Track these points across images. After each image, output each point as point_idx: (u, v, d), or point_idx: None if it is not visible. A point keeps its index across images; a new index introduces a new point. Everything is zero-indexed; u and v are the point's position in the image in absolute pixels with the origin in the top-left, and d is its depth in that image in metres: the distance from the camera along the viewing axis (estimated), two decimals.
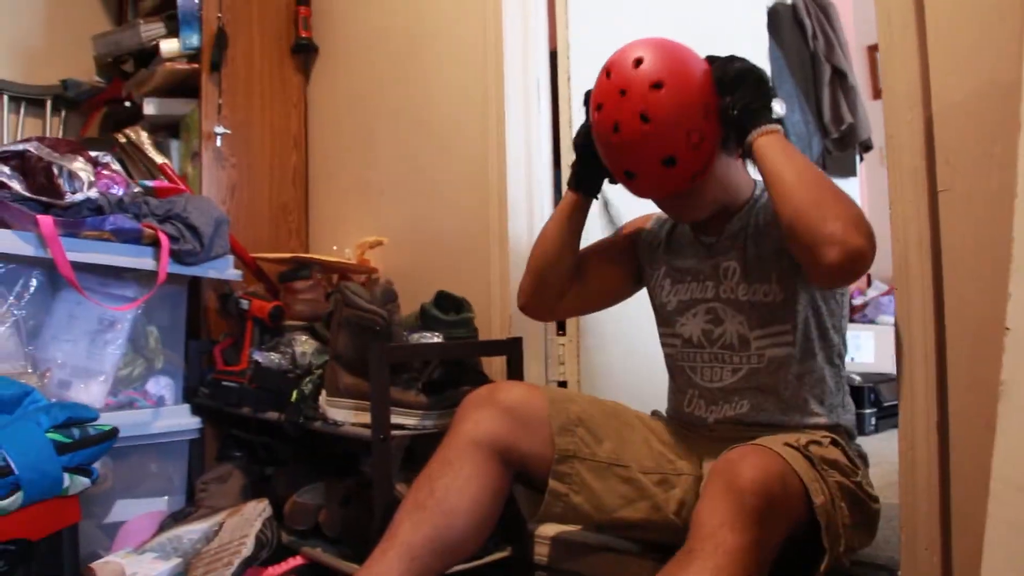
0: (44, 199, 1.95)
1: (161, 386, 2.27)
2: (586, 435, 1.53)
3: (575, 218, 1.70)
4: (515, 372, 1.98)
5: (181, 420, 2.29)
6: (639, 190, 1.54)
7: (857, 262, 1.31)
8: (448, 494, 1.45)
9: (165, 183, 2.38)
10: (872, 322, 3.76)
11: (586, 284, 1.75)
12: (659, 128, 1.40)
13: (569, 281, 1.73)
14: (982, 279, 1.27)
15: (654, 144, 1.42)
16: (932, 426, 1.32)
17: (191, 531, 2.02)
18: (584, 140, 1.62)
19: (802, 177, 1.36)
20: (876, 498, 1.43)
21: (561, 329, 2.23)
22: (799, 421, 1.55)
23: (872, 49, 4.12)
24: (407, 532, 1.42)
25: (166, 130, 2.85)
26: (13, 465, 1.50)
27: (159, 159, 2.59)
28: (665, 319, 1.71)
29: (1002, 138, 1.22)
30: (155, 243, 2.11)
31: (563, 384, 2.18)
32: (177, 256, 2.16)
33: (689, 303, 1.66)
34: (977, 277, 1.28)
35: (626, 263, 1.79)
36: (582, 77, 2.26)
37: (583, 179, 1.68)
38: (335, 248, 2.68)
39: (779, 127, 1.43)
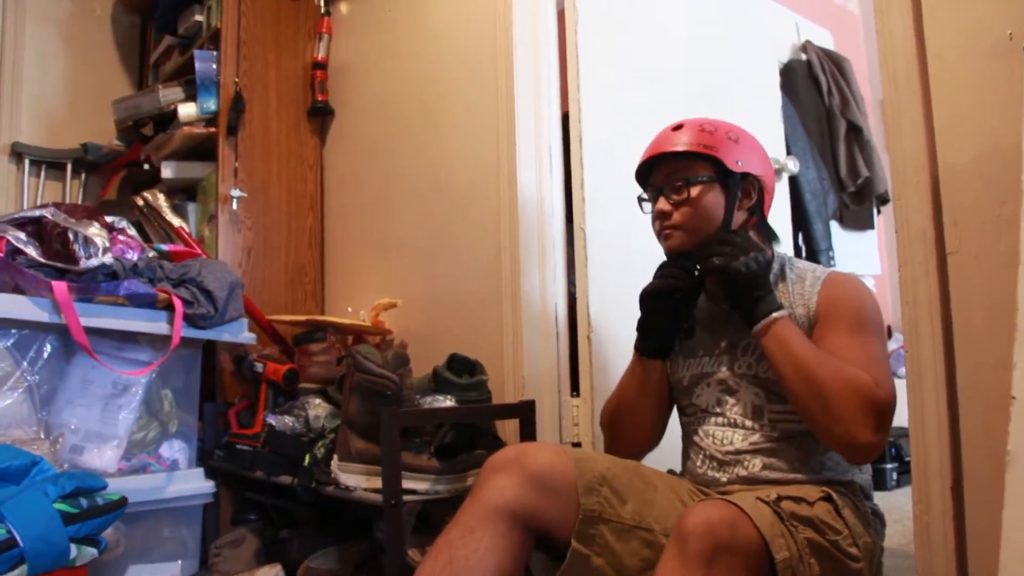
0: (60, 265, 1.97)
1: (175, 450, 2.26)
2: (611, 495, 1.48)
3: (651, 379, 1.70)
4: (528, 434, 1.96)
5: (195, 484, 2.28)
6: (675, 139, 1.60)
7: (867, 455, 1.44)
8: (468, 567, 1.38)
9: (180, 247, 2.41)
10: (894, 374, 3.69)
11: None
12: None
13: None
14: (993, 343, 1.25)
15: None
16: (947, 489, 1.30)
17: None
18: (649, 304, 1.65)
19: (802, 373, 1.44)
20: (857, 558, 1.38)
21: (575, 390, 2.21)
22: (812, 477, 1.53)
23: None
24: None
25: (184, 193, 2.89)
26: (18, 537, 1.49)
27: (176, 222, 2.62)
28: (682, 392, 1.71)
29: (1010, 201, 1.22)
30: (169, 307, 2.13)
31: (577, 445, 2.16)
32: (191, 320, 2.17)
33: (700, 376, 1.67)
34: (988, 340, 1.27)
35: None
36: (594, 138, 2.28)
37: (650, 345, 1.68)
38: (350, 310, 2.68)
39: (775, 315, 1.49)
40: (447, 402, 1.93)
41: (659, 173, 1.63)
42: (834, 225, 3.67)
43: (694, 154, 1.58)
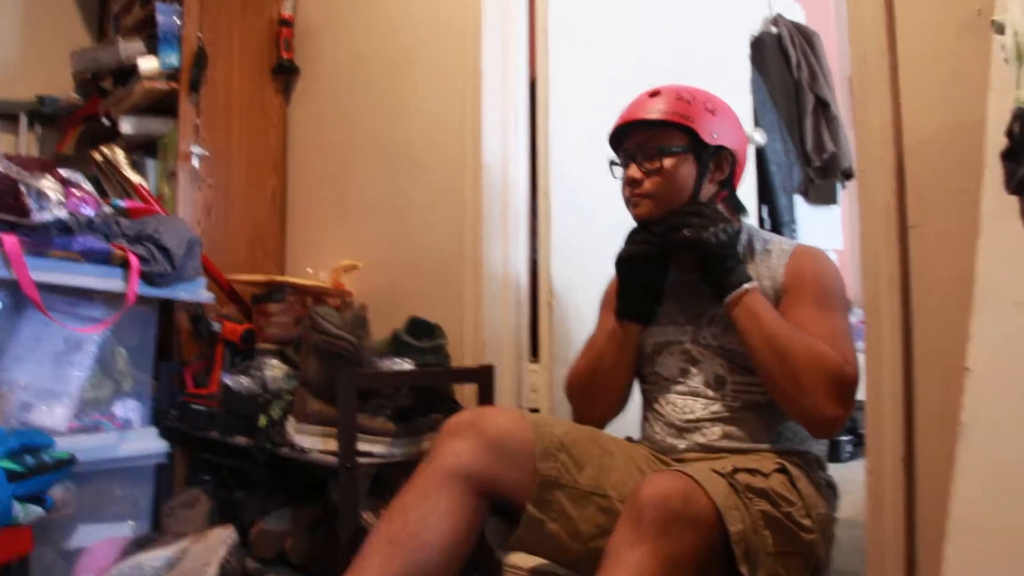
0: (10, 218, 1.92)
1: (128, 409, 2.23)
2: (568, 461, 1.48)
3: (629, 345, 1.69)
4: (487, 399, 1.95)
5: (148, 444, 2.24)
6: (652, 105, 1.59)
7: (831, 428, 1.48)
8: (422, 529, 1.39)
9: (138, 203, 2.36)
10: None
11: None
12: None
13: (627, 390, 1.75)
14: (951, 316, 1.26)
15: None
16: (899, 461, 1.31)
17: (154, 558, 1.98)
18: (624, 270, 1.64)
19: (772, 346, 1.46)
20: (811, 529, 1.40)
21: (534, 356, 2.21)
22: (769, 447, 1.55)
23: None
24: (376, 568, 1.36)
25: (143, 149, 2.83)
26: None
27: (135, 178, 2.57)
28: (645, 360, 1.71)
29: (972, 175, 1.22)
30: (125, 264, 2.09)
31: (535, 411, 2.16)
32: (147, 277, 2.13)
33: (664, 344, 1.67)
34: (946, 314, 1.28)
35: None
36: (561, 105, 2.26)
37: (630, 307, 1.66)
38: (310, 271, 2.65)
39: (746, 287, 1.50)
40: (405, 365, 1.91)
41: (632, 139, 1.62)
42: (798, 199, 3.68)
43: (669, 123, 1.56)
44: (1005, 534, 0.93)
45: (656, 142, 1.58)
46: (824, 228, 3.82)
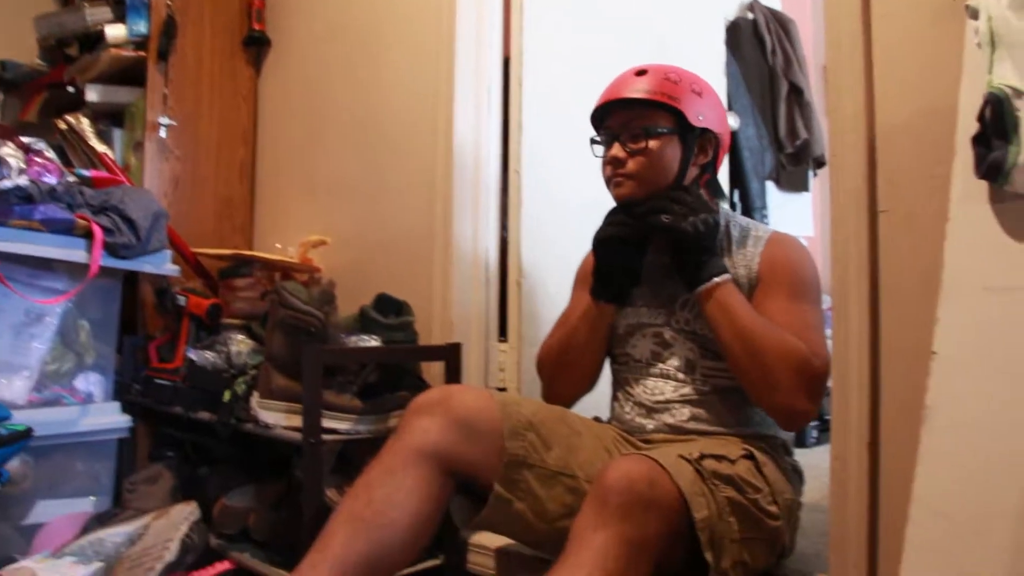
0: None
1: (90, 382, 2.20)
2: (536, 440, 1.47)
3: (603, 325, 1.68)
4: (454, 378, 1.94)
5: (110, 418, 2.21)
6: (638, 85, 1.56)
7: (801, 421, 1.51)
8: (387, 507, 1.38)
9: (103, 173, 2.31)
10: None
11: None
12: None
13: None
14: (918, 301, 1.27)
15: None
16: (864, 445, 1.32)
17: (115, 534, 1.95)
18: (601, 250, 1.62)
19: (743, 339, 1.47)
20: (776, 515, 1.41)
21: (503, 336, 2.20)
22: (737, 430, 1.56)
23: None
24: (340, 545, 1.35)
25: (109, 118, 2.77)
26: None
27: (100, 148, 2.52)
28: (617, 341, 1.71)
29: (944, 161, 1.22)
30: (88, 235, 2.05)
31: (503, 391, 2.15)
32: (111, 249, 2.10)
33: (636, 326, 1.66)
34: (913, 299, 1.29)
35: None
36: (534, 83, 2.24)
37: (606, 288, 1.65)
38: (278, 246, 2.62)
39: (717, 280, 1.50)
40: (372, 342, 1.90)
41: (616, 117, 1.60)
42: (769, 185, 3.69)
43: (656, 103, 1.54)
44: (966, 516, 0.93)
45: (641, 122, 1.56)
46: (795, 215, 3.84)
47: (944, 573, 0.95)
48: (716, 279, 1.50)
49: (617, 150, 1.58)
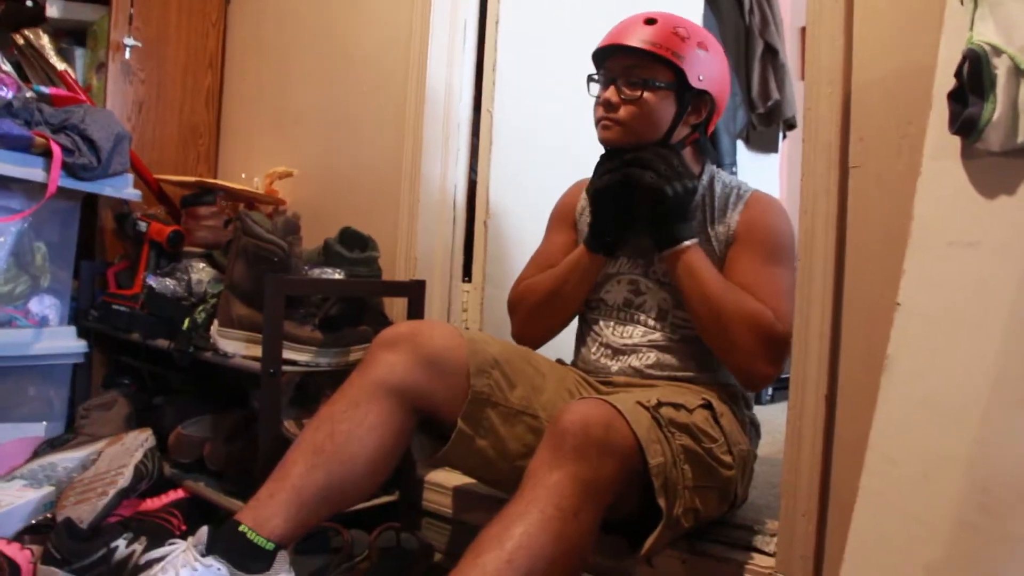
0: None
1: (45, 306, 2.16)
2: (501, 379, 1.48)
3: (593, 275, 1.69)
4: (416, 315, 1.93)
5: (65, 342, 2.18)
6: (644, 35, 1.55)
7: (762, 384, 1.54)
8: (349, 441, 1.38)
9: (63, 91, 2.25)
10: None
11: None
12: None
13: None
14: (882, 257, 1.28)
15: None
16: (821, 397, 1.34)
17: (67, 459, 1.93)
18: (600, 199, 1.61)
19: (707, 302, 1.51)
20: (730, 465, 1.44)
21: (467, 276, 2.19)
22: (700, 376, 1.59)
23: (805, 31, 4.21)
24: (299, 476, 1.35)
25: (71, 36, 2.69)
26: None
27: (60, 66, 2.44)
28: (593, 287, 1.72)
29: (916, 119, 1.22)
30: (47, 154, 1.99)
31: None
32: (70, 169, 2.05)
33: (613, 274, 1.68)
34: (878, 256, 1.29)
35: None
36: (510, 21, 2.21)
37: (601, 240, 1.65)
38: (244, 176, 2.58)
39: (686, 243, 1.53)
40: (336, 275, 1.88)
41: (617, 61, 1.58)
42: (740, 144, 3.70)
43: (659, 57, 1.53)
44: (921, 463, 0.95)
45: (641, 72, 1.55)
46: (763, 175, 3.86)
47: (894, 518, 0.96)
48: (685, 243, 1.53)
49: (612, 93, 1.57)
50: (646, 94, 1.54)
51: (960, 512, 0.90)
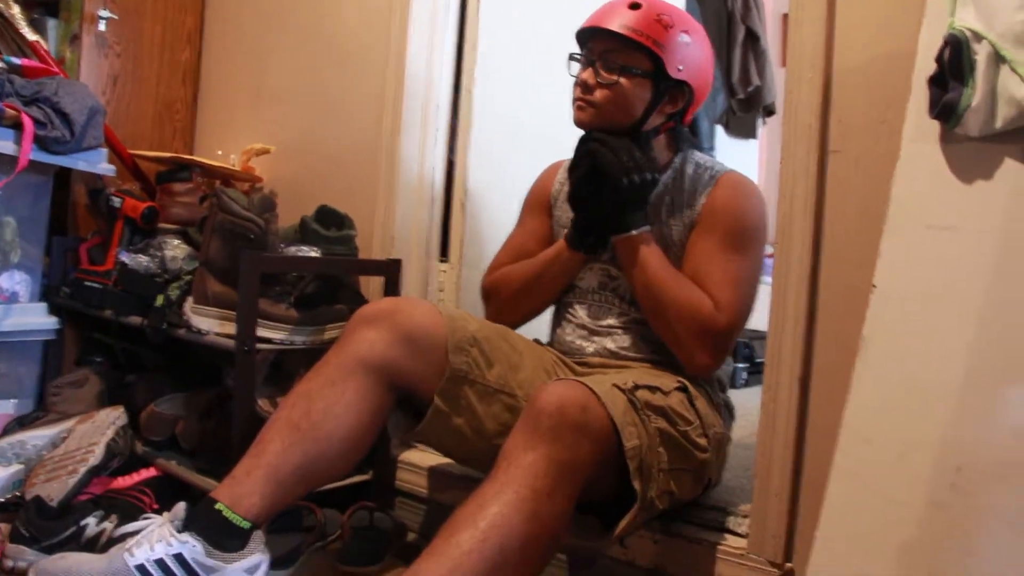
0: None
1: (15, 281, 2.13)
2: (479, 356, 1.48)
3: (573, 271, 1.69)
4: (392, 294, 1.92)
5: (36, 319, 2.16)
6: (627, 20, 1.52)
7: (704, 373, 1.54)
8: (326, 418, 1.37)
9: (35, 63, 2.20)
10: (761, 281, 3.81)
11: None
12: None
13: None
14: (859, 242, 1.29)
15: None
16: (795, 379, 1.35)
17: (37, 436, 1.92)
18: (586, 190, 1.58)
19: (650, 292, 1.53)
20: (705, 448, 1.44)
21: (444, 256, 2.18)
22: (672, 360, 1.58)
23: (787, 18, 4.22)
24: (276, 454, 1.35)
25: (43, 7, 2.63)
26: None
27: (32, 36, 2.39)
28: None
29: (896, 104, 1.23)
30: (18, 126, 1.96)
31: None
32: (42, 143, 2.02)
33: (586, 261, 1.67)
34: (855, 239, 1.31)
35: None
36: (493, 1, 2.19)
37: (585, 238, 1.64)
38: (220, 153, 2.55)
39: (634, 232, 1.53)
40: (312, 253, 1.86)
41: (598, 43, 1.56)
42: (719, 130, 3.71)
43: (639, 44, 1.51)
44: (894, 442, 0.96)
45: (619, 57, 1.53)
46: (741, 161, 3.86)
47: (867, 498, 0.97)
48: (633, 231, 1.53)
49: (589, 75, 1.56)
50: (622, 80, 1.53)
51: (932, 492, 0.91)
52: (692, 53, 1.55)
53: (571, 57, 1.62)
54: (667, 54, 1.51)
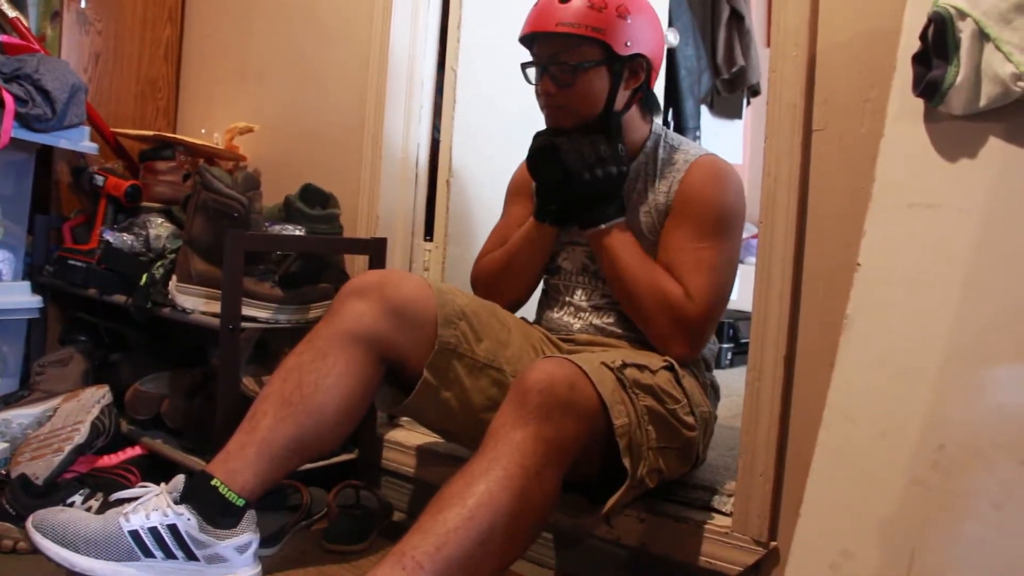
0: None
1: None
2: (468, 330, 1.48)
3: (546, 245, 1.69)
4: None
5: (19, 297, 2.15)
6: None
7: (680, 360, 1.51)
8: (317, 392, 1.38)
9: (15, 39, 2.18)
10: (742, 262, 3.83)
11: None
12: None
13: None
14: (843, 221, 1.29)
15: None
16: (780, 359, 1.35)
17: (22, 415, 1.91)
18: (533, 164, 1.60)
19: (622, 283, 1.54)
20: (692, 426, 1.45)
21: (428, 234, 2.18)
22: None
23: None
24: (269, 428, 1.35)
25: None
26: None
27: (11, 13, 2.36)
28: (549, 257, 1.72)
29: (880, 83, 1.23)
30: None
31: None
32: (24, 120, 2.00)
33: (568, 243, 1.69)
34: (839, 218, 1.31)
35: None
36: None
37: (546, 208, 1.65)
38: (203, 131, 2.53)
39: (603, 226, 1.55)
40: (297, 232, 1.85)
41: (543, 47, 1.55)
42: (704, 109, 3.71)
43: (582, 36, 1.50)
44: (877, 420, 0.97)
45: (568, 57, 1.52)
46: (726, 141, 3.88)
47: (850, 476, 0.98)
48: (603, 225, 1.54)
49: (548, 84, 1.55)
50: (578, 78, 1.52)
51: (914, 470, 0.92)
52: (634, 25, 1.53)
53: (523, 66, 1.61)
54: (610, 37, 1.49)
